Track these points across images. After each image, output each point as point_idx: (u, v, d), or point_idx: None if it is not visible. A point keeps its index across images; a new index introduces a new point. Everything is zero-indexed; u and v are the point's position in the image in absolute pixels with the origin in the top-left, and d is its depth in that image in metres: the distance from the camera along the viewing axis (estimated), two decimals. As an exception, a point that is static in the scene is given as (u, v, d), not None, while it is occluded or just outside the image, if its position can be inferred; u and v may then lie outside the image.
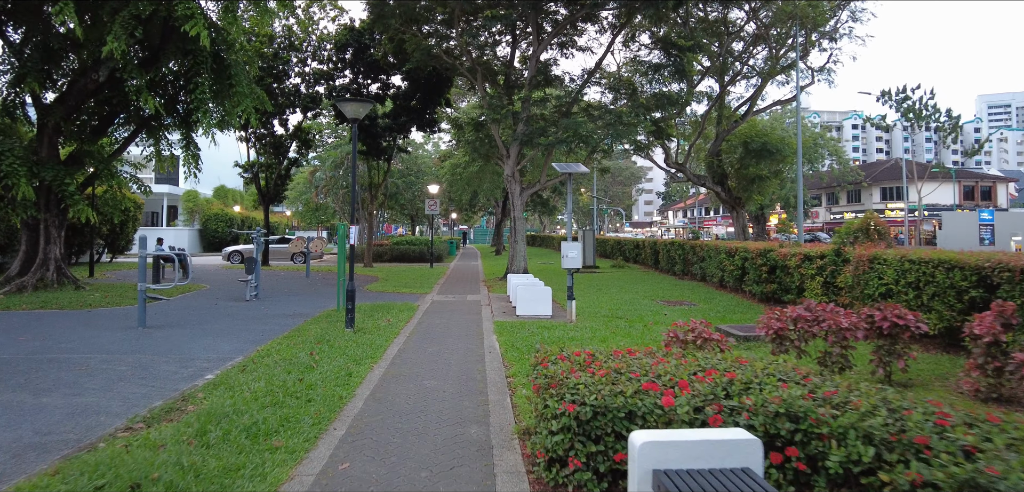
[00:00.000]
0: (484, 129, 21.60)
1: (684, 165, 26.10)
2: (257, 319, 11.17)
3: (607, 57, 20.44)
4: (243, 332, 9.77)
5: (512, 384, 6.61)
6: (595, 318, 11.24)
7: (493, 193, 42.96)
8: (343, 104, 9.58)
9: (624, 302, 13.87)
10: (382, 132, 25.79)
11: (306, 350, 8.08)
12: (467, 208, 58.56)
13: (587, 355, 4.83)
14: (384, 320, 10.83)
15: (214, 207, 46.72)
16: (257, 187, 27.29)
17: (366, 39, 24.69)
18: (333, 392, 6.10)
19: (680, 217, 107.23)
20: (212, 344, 8.75)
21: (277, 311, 12.31)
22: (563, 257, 10.52)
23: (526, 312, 11.60)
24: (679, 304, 13.63)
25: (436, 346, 8.63)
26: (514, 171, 19.50)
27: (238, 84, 15.06)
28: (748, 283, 14.47)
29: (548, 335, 9.26)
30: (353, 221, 9.70)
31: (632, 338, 9.20)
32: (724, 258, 16.13)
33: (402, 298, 14.82)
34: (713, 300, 14.26)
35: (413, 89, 25.80)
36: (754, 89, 26.74)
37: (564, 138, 17.58)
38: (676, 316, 11.60)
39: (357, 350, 8.14)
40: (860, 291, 9.47)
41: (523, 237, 19.74)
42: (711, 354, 5.42)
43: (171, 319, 10.94)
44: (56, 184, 13.81)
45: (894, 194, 65.23)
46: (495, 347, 8.59)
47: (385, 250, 32.02)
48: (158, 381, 6.67)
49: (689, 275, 20.18)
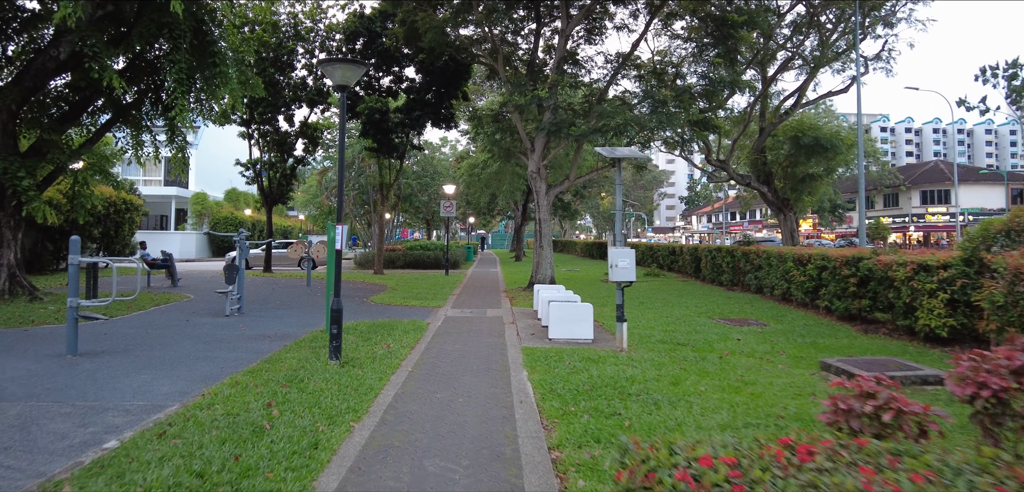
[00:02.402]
0: (505, 121, 19.31)
1: (726, 162, 23.55)
2: (227, 342, 8.96)
3: (640, 45, 18.02)
4: (200, 362, 7.55)
5: (560, 465, 4.29)
6: (650, 345, 8.85)
7: (513, 195, 40.68)
8: (329, 67, 7.35)
9: (675, 320, 11.45)
10: (394, 128, 23.63)
11: (267, 396, 5.83)
12: (485, 212, 56.35)
13: (729, 466, 2.48)
14: (383, 345, 8.55)
15: (223, 210, 45.05)
16: (259, 187, 25.28)
17: (377, 27, 22.60)
18: (279, 486, 3.83)
19: (704, 222, 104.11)
20: (148, 382, 6.53)
21: (256, 330, 10.10)
22: (612, 267, 8.16)
23: (561, 335, 9.26)
24: (743, 323, 11.18)
25: (447, 391, 6.31)
26: (539, 167, 17.18)
27: (222, 65, 12.98)
28: (826, 297, 11.98)
29: (597, 372, 6.90)
30: (340, 218, 7.43)
31: (712, 378, 6.81)
32: (791, 267, 13.63)
33: (410, 313, 12.55)
34: (784, 319, 11.78)
35: (428, 81, 23.62)
36: (801, 80, 24.15)
37: (598, 128, 15.22)
38: (751, 340, 9.17)
39: (337, 397, 5.86)
40: (1019, 313, 6.98)
41: (549, 242, 17.41)
42: (907, 443, 3.07)
43: (117, 342, 8.78)
44: (7, 178, 11.78)
45: (936, 198, 61.70)
46: (528, 392, 6.26)
47: (398, 256, 29.86)
48: (25, 453, 4.45)
49: (740, 286, 17.66)
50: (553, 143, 17.72)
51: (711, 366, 7.47)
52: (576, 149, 18.13)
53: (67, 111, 14.43)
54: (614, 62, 17.30)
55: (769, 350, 8.53)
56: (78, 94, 14.34)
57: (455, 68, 22.53)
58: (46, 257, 21.84)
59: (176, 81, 12.03)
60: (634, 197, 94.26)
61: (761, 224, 79.49)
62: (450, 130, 25.59)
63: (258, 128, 24.91)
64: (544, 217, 17.29)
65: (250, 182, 25.87)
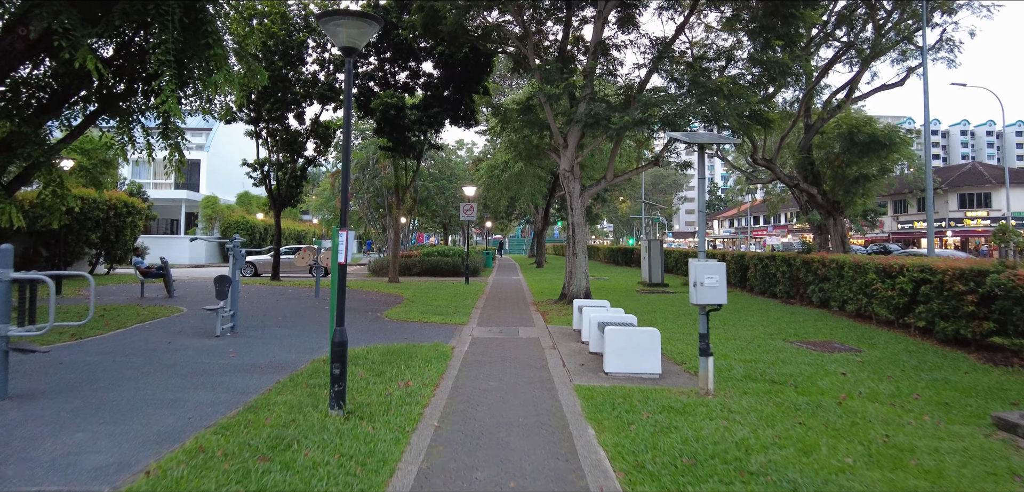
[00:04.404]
0: (533, 114, 17.51)
1: (772, 161, 21.52)
2: (206, 376, 7.22)
3: (685, 29, 16.11)
4: (163, 410, 5.82)
5: None
6: (736, 383, 6.97)
7: (534, 198, 38.81)
8: (331, 24, 5.61)
9: (747, 345, 9.54)
10: (411, 126, 21.93)
11: (236, 477, 4.07)
12: (503, 216, 54.57)
13: None
14: (400, 383, 6.76)
15: (235, 214, 43.71)
16: (267, 189, 23.70)
17: (393, 17, 20.96)
18: None
19: (726, 227, 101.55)
20: (81, 446, 4.79)
21: (247, 358, 8.37)
22: (693, 286, 6.30)
23: (620, 368, 7.41)
24: (828, 348, 9.26)
25: (490, 465, 4.49)
26: (573, 164, 15.34)
27: (215, 46, 11.33)
28: (923, 316, 10.02)
29: (692, 432, 5.06)
30: (344, 222, 5.65)
31: (849, 440, 4.93)
32: (873, 279, 11.65)
33: (431, 334, 10.77)
34: (875, 342, 9.83)
35: (447, 76, 21.93)
36: (853, 73, 22.05)
37: (643, 119, 13.35)
38: (859, 375, 7.25)
39: (336, 478, 4.09)
40: None
41: (584, 249, 15.53)
42: None
43: (69, 376, 7.07)
44: (-33, 175, 10.21)
45: (975, 201, 58.81)
46: (605, 468, 4.43)
47: (414, 262, 28.12)
48: None
49: (798, 298, 15.68)
50: (588, 138, 15.89)
51: (835, 418, 5.59)
52: (614, 145, 16.25)
53: (46, 102, 12.86)
54: (658, 44, 15.39)
55: (894, 392, 6.62)
56: (59, 82, 12.77)
57: (476, 61, 20.82)
58: (40, 264, 20.39)
59: (161, 63, 10.41)
60: (652, 200, 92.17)
61: (787, 229, 76.90)
62: (470, 128, 23.86)
63: (266, 126, 23.35)
64: (578, 221, 15.43)
65: (258, 184, 24.30)
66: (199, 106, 14.44)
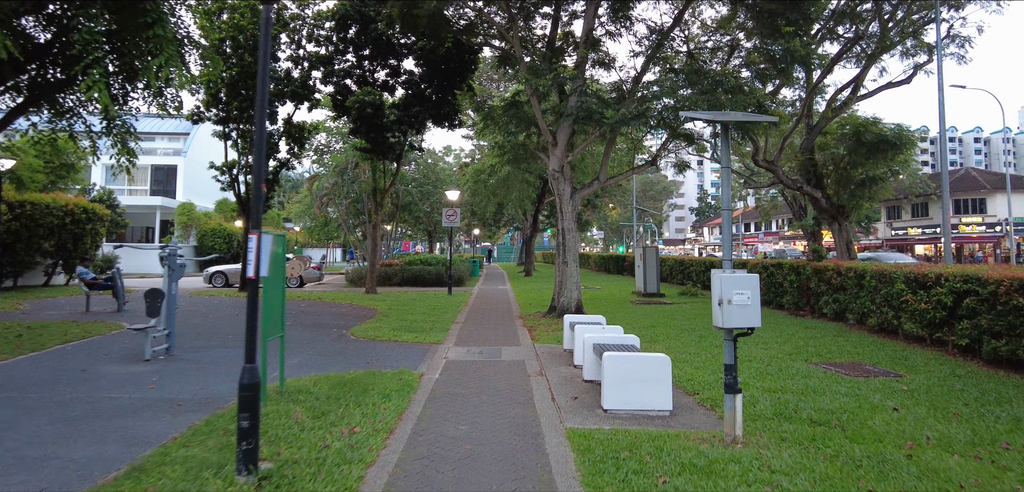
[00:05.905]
0: (520, 111, 16.13)
1: (774, 163, 20.26)
2: (101, 420, 5.73)
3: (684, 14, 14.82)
4: (16, 475, 4.34)
5: None
6: (765, 423, 5.59)
7: (522, 204, 37.40)
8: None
9: (765, 367, 8.17)
10: (390, 126, 20.49)
11: None
12: (491, 223, 53.10)
13: None
14: (343, 429, 5.31)
15: (212, 221, 41.92)
16: (235, 193, 22.13)
17: (370, 10, 19.56)
18: None
19: (715, 234, 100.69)
20: None
21: (168, 390, 6.87)
22: (718, 304, 4.91)
23: (623, 405, 6.01)
24: (860, 371, 7.91)
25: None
26: (563, 164, 13.96)
27: (157, 26, 9.87)
28: (966, 332, 8.72)
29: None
30: (257, 221, 4.20)
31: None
32: (902, 289, 10.34)
33: (399, 356, 9.31)
34: (912, 364, 8.49)
35: (429, 74, 20.51)
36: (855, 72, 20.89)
37: (640, 113, 12.01)
38: (915, 410, 5.88)
39: None
40: None
41: (575, 257, 14.14)
42: None
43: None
44: None
45: (970, 207, 58.15)
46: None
47: (395, 272, 26.58)
48: None
49: (808, 310, 14.39)
50: (579, 135, 14.55)
51: (913, 481, 4.21)
52: (607, 144, 14.89)
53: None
54: (656, 32, 14.05)
55: (972, 437, 5.25)
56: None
57: (460, 57, 19.46)
58: (-14, 274, 18.72)
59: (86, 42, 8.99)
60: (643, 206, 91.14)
61: (778, 236, 76.10)
62: (454, 129, 22.42)
63: (236, 127, 21.83)
64: (568, 226, 14.03)
65: (226, 188, 22.71)
66: (152, 100, 12.94)
